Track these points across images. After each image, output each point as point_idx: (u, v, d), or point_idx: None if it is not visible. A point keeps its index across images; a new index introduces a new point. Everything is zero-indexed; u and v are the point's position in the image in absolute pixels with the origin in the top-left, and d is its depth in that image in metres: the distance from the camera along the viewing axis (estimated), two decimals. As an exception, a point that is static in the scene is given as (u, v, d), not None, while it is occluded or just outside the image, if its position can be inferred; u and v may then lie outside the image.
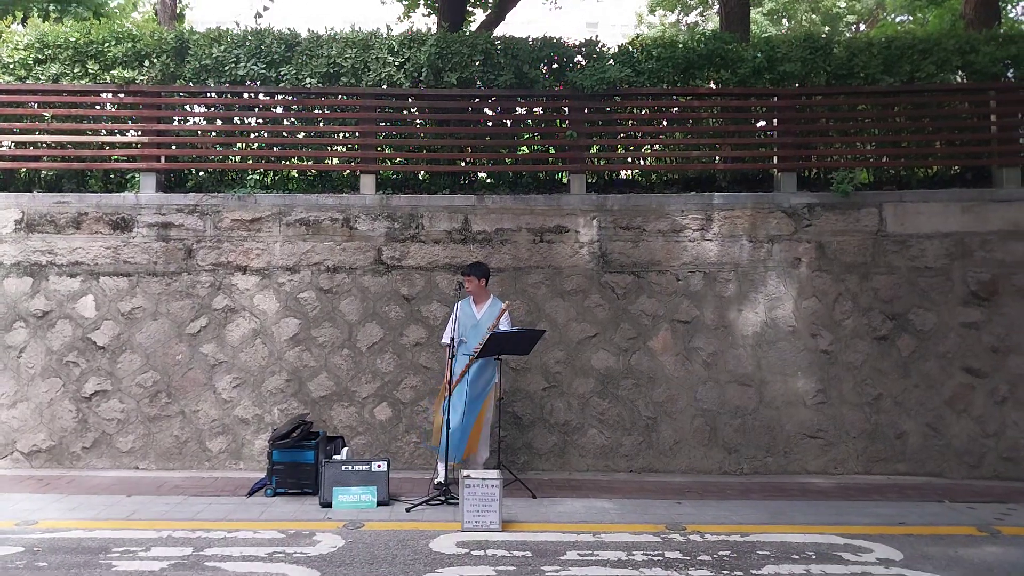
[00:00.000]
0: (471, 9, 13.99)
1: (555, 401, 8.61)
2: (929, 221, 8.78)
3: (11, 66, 8.95)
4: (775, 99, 9.17)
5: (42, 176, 9.15)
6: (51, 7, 13.38)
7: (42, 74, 8.95)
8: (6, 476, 8.09)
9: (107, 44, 8.92)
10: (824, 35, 10.79)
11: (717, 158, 9.22)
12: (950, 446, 8.57)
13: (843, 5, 21.59)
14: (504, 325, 7.55)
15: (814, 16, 22.43)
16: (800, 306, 8.73)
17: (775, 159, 9.20)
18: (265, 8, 9.69)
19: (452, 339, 7.39)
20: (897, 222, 8.79)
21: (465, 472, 6.61)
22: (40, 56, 8.96)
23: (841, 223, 8.80)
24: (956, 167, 9.37)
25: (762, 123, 9.53)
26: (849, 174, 8.70)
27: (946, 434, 8.58)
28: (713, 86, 9.27)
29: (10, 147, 9.03)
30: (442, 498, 7.08)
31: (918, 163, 9.32)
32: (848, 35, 22.09)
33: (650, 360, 8.68)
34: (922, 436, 8.59)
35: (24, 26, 9.40)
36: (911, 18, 18.24)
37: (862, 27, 22.72)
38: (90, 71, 8.93)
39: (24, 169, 9.08)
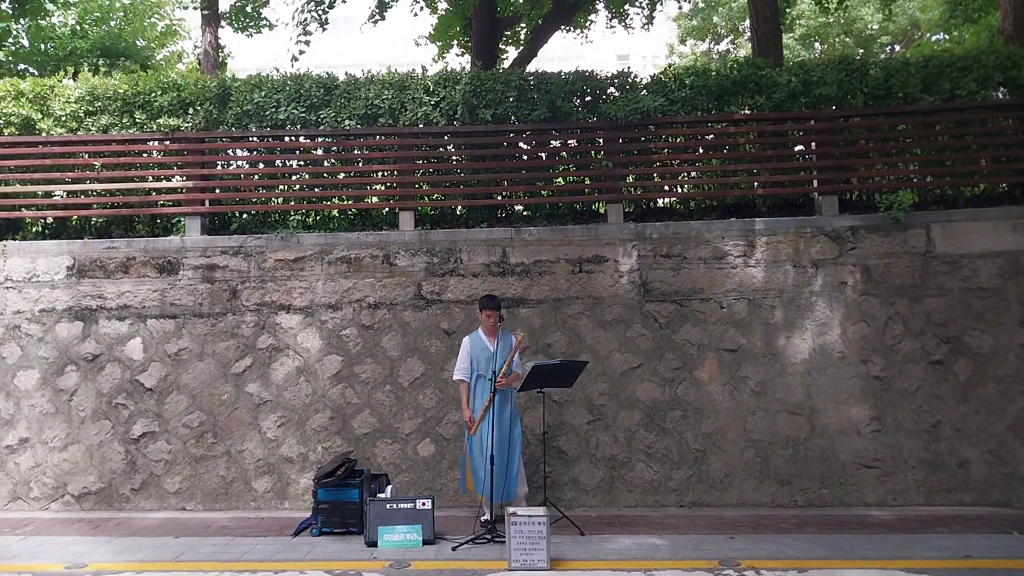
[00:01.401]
0: (503, 47, 14.16)
1: (600, 435, 8.49)
2: (980, 240, 8.56)
3: (63, 118, 9.26)
4: (812, 122, 9.07)
5: (92, 223, 9.40)
6: (100, 61, 13.87)
7: (92, 125, 9.25)
8: (57, 518, 8.20)
9: (154, 94, 9.21)
10: (859, 56, 10.65)
11: (756, 183, 9.11)
12: (1015, 474, 8.24)
13: (876, 27, 21.37)
14: (518, 356, 7.52)
15: (847, 39, 22.24)
16: (848, 331, 8.54)
17: (815, 182, 9.09)
18: (301, 52, 9.84)
19: (493, 373, 7.30)
20: (946, 242, 8.59)
21: (511, 509, 6.52)
22: (90, 108, 9.27)
23: (887, 245, 8.62)
24: (1004, 184, 9.13)
25: (800, 147, 9.42)
26: (895, 197, 8.54)
27: (1011, 462, 8.26)
28: (748, 112, 9.20)
29: (62, 196, 9.30)
30: (488, 536, 6.98)
31: (964, 182, 9.10)
32: (883, 56, 21.90)
33: (697, 390, 8.53)
34: (985, 464, 8.29)
35: (75, 80, 9.72)
36: (947, 36, 17.99)
37: (897, 47, 22.47)
38: (137, 120, 9.20)
39: (75, 217, 9.33)
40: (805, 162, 9.32)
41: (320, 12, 9.75)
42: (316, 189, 9.32)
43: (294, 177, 9.44)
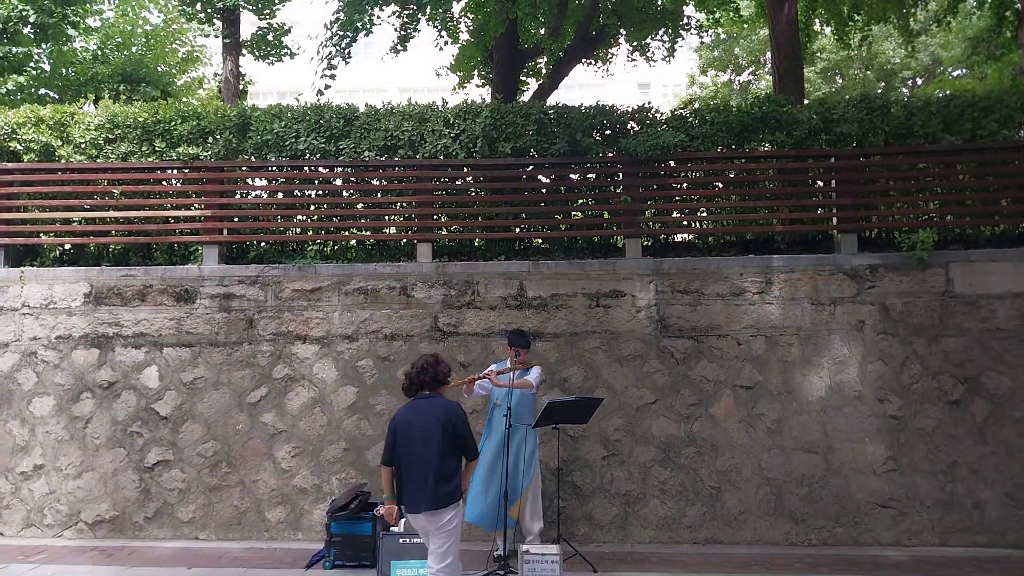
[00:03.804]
0: (524, 79, 14.22)
1: (615, 470, 8.45)
2: (999, 281, 8.53)
3: (83, 145, 9.33)
4: (833, 160, 9.08)
5: (110, 250, 9.45)
6: (121, 86, 13.99)
7: (112, 152, 9.31)
8: (70, 547, 8.19)
9: (173, 123, 9.27)
10: (880, 91, 10.69)
11: (775, 220, 9.11)
12: (1032, 516, 8.17)
13: (898, 61, 21.36)
14: (534, 377, 7.43)
15: (868, 72, 22.25)
16: (866, 370, 8.49)
17: (834, 220, 9.09)
18: (327, 86, 9.94)
19: (509, 409, 7.22)
20: (965, 282, 8.55)
21: (524, 547, 6.49)
22: (110, 136, 9.34)
23: (906, 284, 8.59)
24: (1024, 225, 9.11)
25: (820, 184, 9.42)
26: (919, 236, 8.51)
27: (1027, 504, 8.20)
28: (768, 148, 9.20)
29: (80, 223, 9.35)
30: (501, 573, 6.95)
31: (984, 222, 9.09)
32: (904, 90, 21.87)
33: (713, 427, 8.49)
34: (1001, 506, 8.22)
35: (95, 107, 9.80)
36: (968, 71, 17.99)
37: (919, 81, 22.46)
38: (157, 149, 9.26)
39: (93, 244, 9.38)
40: (825, 200, 9.34)
41: (344, 46, 9.84)
42: (334, 219, 9.36)
43: (312, 207, 9.47)
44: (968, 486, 8.27)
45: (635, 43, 13.52)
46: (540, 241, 9.47)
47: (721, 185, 9.39)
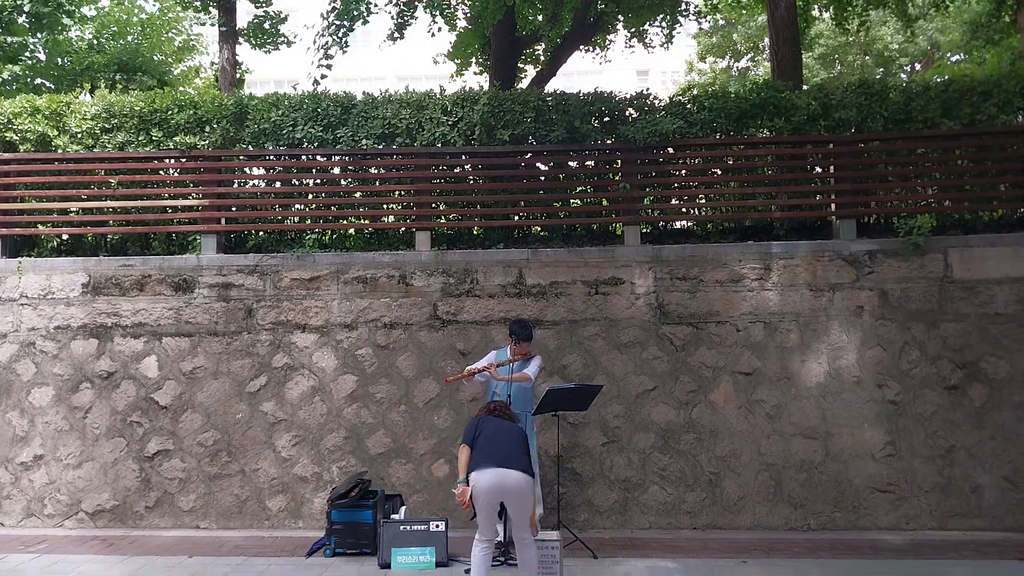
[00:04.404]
0: (522, 66, 14.17)
1: (615, 457, 8.47)
2: (998, 266, 8.52)
3: (79, 135, 9.29)
4: (831, 146, 9.06)
5: (108, 240, 9.43)
6: (117, 76, 13.93)
7: (109, 142, 9.27)
8: (71, 536, 8.21)
9: (170, 112, 9.23)
10: (878, 76, 10.66)
11: (774, 206, 9.09)
12: (1030, 500, 8.20)
13: (896, 46, 21.29)
14: (533, 370, 7.40)
15: (867, 58, 22.17)
16: (864, 355, 8.51)
17: (833, 206, 9.07)
18: (323, 76, 9.90)
19: (508, 396, 7.22)
20: (964, 267, 8.55)
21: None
22: (107, 125, 9.30)
23: (904, 270, 8.59)
24: (1022, 209, 9.07)
25: (818, 170, 9.40)
26: (916, 222, 8.50)
27: (1025, 487, 8.22)
28: (767, 134, 9.18)
29: (78, 213, 9.32)
30: (502, 559, 6.98)
31: (982, 207, 9.07)
32: (903, 76, 21.81)
33: (712, 413, 8.50)
34: (999, 490, 8.25)
35: (92, 96, 9.76)
36: (967, 56, 17.93)
37: (917, 66, 22.39)
38: (154, 138, 9.22)
39: (91, 234, 9.36)
40: (823, 185, 9.32)
41: (341, 36, 9.80)
42: (332, 208, 9.34)
43: (310, 196, 9.46)
44: (966, 470, 8.30)
45: (633, 29, 13.47)
46: (539, 229, 9.46)
47: (720, 171, 9.38)
